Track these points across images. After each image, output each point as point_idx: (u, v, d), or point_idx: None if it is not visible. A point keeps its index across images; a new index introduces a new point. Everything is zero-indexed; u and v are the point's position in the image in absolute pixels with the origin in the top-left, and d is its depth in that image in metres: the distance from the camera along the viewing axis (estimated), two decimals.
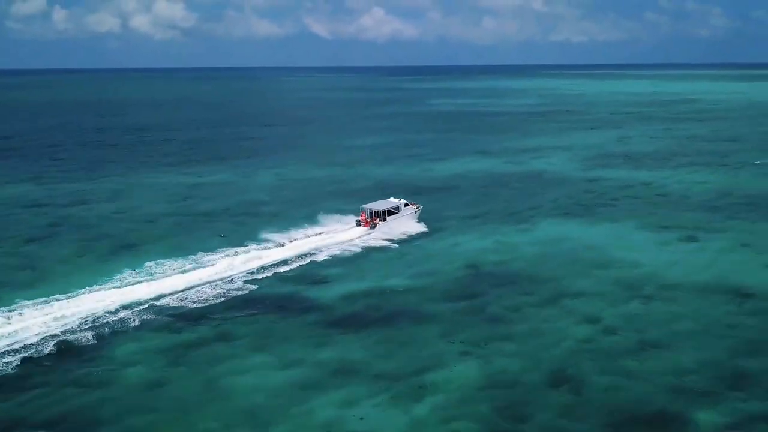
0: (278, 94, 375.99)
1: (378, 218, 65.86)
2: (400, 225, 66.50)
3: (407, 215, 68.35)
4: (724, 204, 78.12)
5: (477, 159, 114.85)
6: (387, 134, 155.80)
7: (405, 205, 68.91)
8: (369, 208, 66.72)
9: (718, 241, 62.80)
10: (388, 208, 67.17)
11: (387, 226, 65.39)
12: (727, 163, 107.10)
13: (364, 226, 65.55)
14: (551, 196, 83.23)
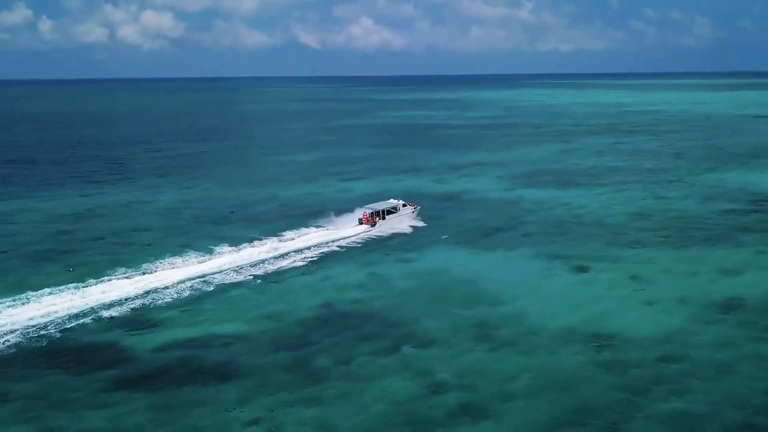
0: (242, 106, 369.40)
1: (378, 217, 73.06)
2: (398, 223, 73.89)
3: (405, 214, 75.81)
4: (634, 228, 73.51)
5: (401, 178, 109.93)
6: (327, 149, 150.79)
7: (403, 205, 76.46)
8: (371, 208, 74.12)
9: (607, 273, 58.01)
10: (388, 208, 74.85)
11: (386, 224, 72.93)
12: (658, 180, 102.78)
13: (366, 224, 72.47)
14: (456, 220, 78.46)
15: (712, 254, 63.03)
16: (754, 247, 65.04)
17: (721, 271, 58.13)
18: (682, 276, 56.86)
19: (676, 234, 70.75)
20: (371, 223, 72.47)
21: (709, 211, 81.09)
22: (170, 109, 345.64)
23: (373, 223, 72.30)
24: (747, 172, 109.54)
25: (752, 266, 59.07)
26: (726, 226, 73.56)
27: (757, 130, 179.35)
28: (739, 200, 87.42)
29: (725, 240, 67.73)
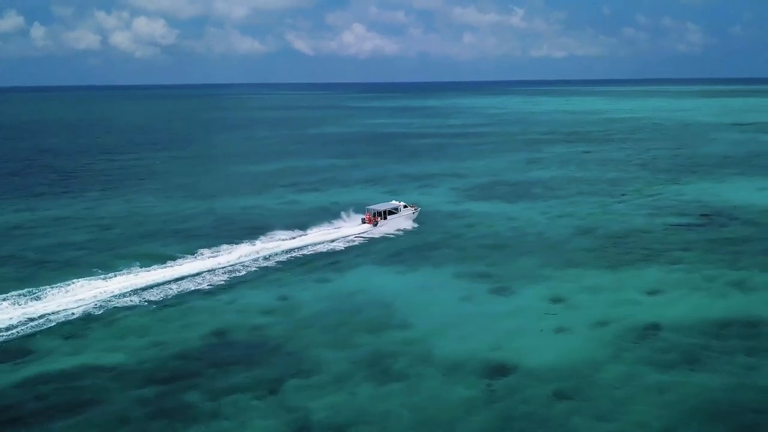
0: (220, 113, 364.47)
1: (380, 217, 77.19)
2: (399, 223, 78.08)
3: (405, 215, 79.95)
4: (574, 245, 70.67)
5: (354, 189, 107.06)
6: (287, 159, 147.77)
7: (404, 206, 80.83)
8: (373, 209, 78.58)
9: (529, 295, 55.17)
10: (389, 208, 79.14)
11: (387, 224, 76.88)
12: (614, 193, 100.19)
13: (368, 223, 76.74)
14: (392, 235, 75.50)
15: (645, 274, 60.31)
16: (690, 265, 62.36)
17: (649, 292, 55.38)
18: (607, 299, 54.08)
19: (614, 251, 68.07)
20: (373, 222, 77.20)
21: (655, 226, 78.50)
22: (145, 117, 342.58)
23: (375, 223, 77.07)
24: (707, 183, 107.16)
25: (682, 287, 56.34)
26: (668, 243, 70.90)
27: (731, 139, 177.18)
28: (690, 213, 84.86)
29: (663, 258, 65.00)
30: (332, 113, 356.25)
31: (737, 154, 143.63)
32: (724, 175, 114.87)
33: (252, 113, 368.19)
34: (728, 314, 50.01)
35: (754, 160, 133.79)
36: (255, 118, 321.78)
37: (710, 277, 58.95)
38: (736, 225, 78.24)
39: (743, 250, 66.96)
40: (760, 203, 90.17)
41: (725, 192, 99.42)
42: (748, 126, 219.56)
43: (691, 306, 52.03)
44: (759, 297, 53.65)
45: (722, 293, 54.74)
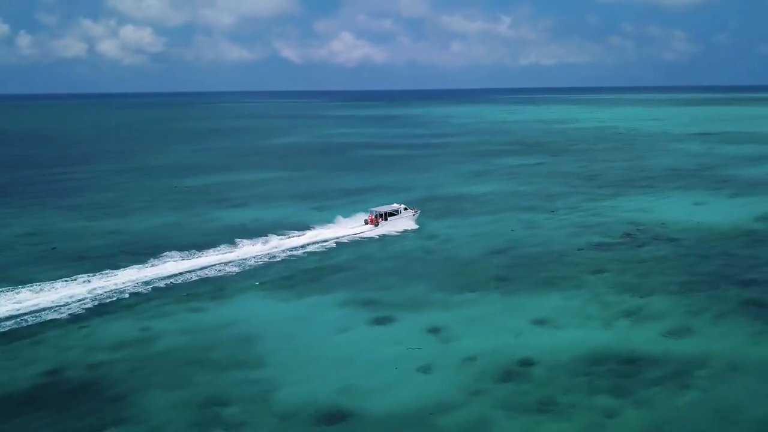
0: (187, 123, 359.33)
1: (381, 218, 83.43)
2: (398, 224, 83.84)
3: (406, 217, 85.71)
4: (479, 267, 67.28)
5: (285, 204, 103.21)
6: (229, 172, 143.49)
7: (405, 209, 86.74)
8: (375, 211, 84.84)
9: (408, 325, 51.67)
10: (390, 210, 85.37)
11: (388, 225, 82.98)
12: (546, 208, 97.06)
13: (371, 223, 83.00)
14: (293, 257, 71.94)
15: (541, 301, 57.07)
16: (592, 290, 59.12)
17: (536, 322, 52.11)
18: (489, 329, 50.77)
19: (519, 274, 64.82)
20: (375, 223, 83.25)
21: (573, 246, 75.37)
22: (107, 127, 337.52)
23: (376, 223, 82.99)
24: (646, 198, 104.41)
25: (573, 316, 53.06)
26: (579, 265, 67.73)
27: (688, 150, 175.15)
28: (614, 231, 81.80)
29: (567, 283, 61.78)
30: (304, 122, 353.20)
31: (687, 166, 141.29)
32: (666, 189, 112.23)
33: (223, 122, 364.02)
34: (608, 348, 46.71)
35: (702, 172, 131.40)
36: (222, 127, 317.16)
37: (607, 304, 55.74)
38: (655, 244, 75.24)
39: (651, 274, 63.87)
40: (691, 219, 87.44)
41: (661, 207, 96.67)
42: (713, 136, 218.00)
43: (574, 338, 48.75)
44: (647, 329, 50.35)
45: (612, 324, 51.44)
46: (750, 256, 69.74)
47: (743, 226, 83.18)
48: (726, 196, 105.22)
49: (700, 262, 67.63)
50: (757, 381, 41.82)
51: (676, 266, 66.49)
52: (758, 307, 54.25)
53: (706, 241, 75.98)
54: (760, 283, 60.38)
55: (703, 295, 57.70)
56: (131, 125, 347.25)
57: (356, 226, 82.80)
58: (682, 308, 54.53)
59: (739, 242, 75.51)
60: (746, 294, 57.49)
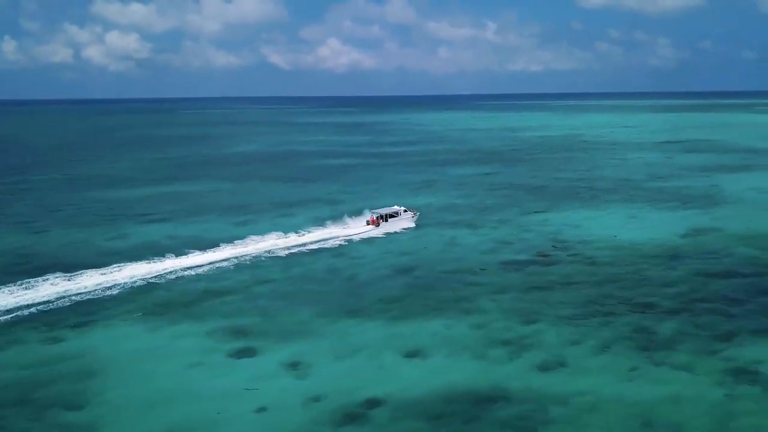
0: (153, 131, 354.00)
1: (382, 220, 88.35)
2: (398, 225, 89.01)
3: (405, 218, 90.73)
4: (378, 288, 63.88)
5: (207, 219, 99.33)
6: (170, 183, 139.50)
7: (404, 211, 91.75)
8: (377, 212, 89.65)
9: (269, 357, 48.20)
10: (391, 212, 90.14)
11: (388, 226, 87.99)
12: (473, 224, 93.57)
13: (372, 224, 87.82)
14: (185, 280, 68.26)
15: (422, 328, 53.66)
16: (483, 317, 55.86)
17: (407, 354, 48.70)
18: (352, 364, 47.35)
19: (412, 297, 61.50)
20: (376, 224, 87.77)
21: (482, 265, 72.15)
22: (71, 133, 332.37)
23: (377, 224, 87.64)
24: (580, 212, 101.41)
25: (451, 347, 49.64)
26: (479, 286, 64.42)
27: (644, 160, 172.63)
28: (533, 249, 78.57)
29: (459, 307, 58.40)
30: (272, 130, 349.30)
31: (637, 177, 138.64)
32: (605, 202, 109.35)
33: (191, 130, 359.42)
34: (469, 384, 43.49)
35: (649, 184, 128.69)
36: (187, 135, 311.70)
37: (490, 332, 52.54)
38: (567, 264, 72.13)
39: (550, 297, 60.71)
40: (616, 235, 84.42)
41: (591, 222, 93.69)
42: (677, 144, 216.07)
43: (438, 372, 45.47)
44: (519, 361, 47.16)
45: (485, 355, 48.17)
46: (660, 277, 66.71)
47: (668, 243, 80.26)
48: (663, 209, 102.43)
49: (606, 284, 64.52)
50: (615, 423, 38.67)
51: (578, 289, 63.33)
52: (648, 336, 51.13)
53: (621, 261, 72.94)
54: (658, 309, 57.29)
55: (595, 321, 54.60)
56: (98, 132, 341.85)
57: (358, 227, 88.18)
58: (567, 337, 51.38)
59: (656, 261, 72.53)
60: (641, 321, 54.39)
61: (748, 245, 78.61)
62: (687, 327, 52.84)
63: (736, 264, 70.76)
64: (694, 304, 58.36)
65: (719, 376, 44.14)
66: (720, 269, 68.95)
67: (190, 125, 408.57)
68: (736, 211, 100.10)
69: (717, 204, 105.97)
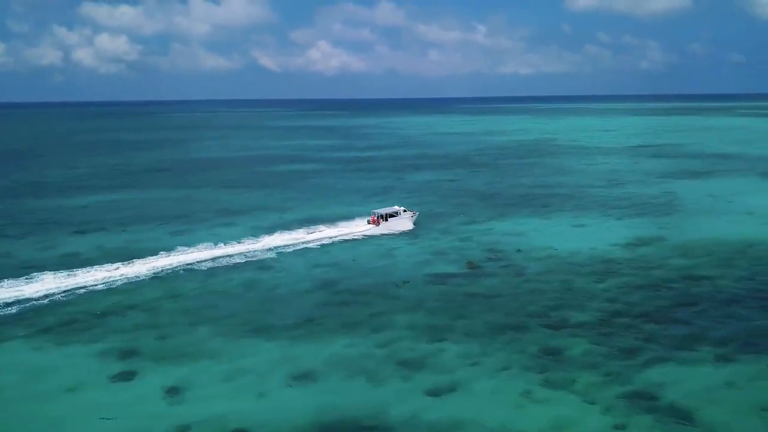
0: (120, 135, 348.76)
1: (382, 219, 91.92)
2: (398, 224, 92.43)
3: (405, 218, 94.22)
4: (288, 306, 61.43)
5: (138, 230, 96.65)
6: (106, 191, 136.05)
7: (404, 211, 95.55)
8: (377, 212, 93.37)
9: (143, 383, 45.60)
10: (390, 212, 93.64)
11: (388, 225, 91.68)
12: (417, 233, 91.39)
13: (372, 224, 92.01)
14: (99, 297, 65.51)
15: (324, 348, 51.17)
16: (389, 333, 53.43)
17: (295, 378, 46.17)
18: (237, 387, 44.91)
19: (327, 313, 58.95)
20: (376, 223, 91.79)
21: (410, 277, 69.63)
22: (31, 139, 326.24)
23: (378, 223, 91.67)
24: (527, 221, 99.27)
25: (346, 369, 47.27)
26: (399, 301, 62.04)
27: (612, 165, 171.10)
28: (465, 260, 76.17)
29: (369, 324, 56.05)
30: (246, 133, 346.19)
31: (597, 183, 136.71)
32: (556, 210, 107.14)
33: (164, 133, 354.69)
34: (351, 412, 41.10)
35: (606, 191, 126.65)
36: (158, 139, 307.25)
37: (394, 353, 50.07)
38: (496, 276, 69.82)
39: (467, 312, 58.38)
40: (555, 245, 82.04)
41: (535, 231, 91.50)
42: (647, 149, 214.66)
43: (322, 399, 42.97)
44: (415, 382, 44.88)
45: (383, 382, 45.63)
46: (585, 290, 64.53)
47: (604, 254, 78.08)
48: (612, 218, 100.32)
49: (527, 299, 62.28)
50: None
51: (497, 304, 61.05)
52: (553, 357, 48.86)
53: (551, 273, 70.76)
54: (573, 325, 55.04)
55: (503, 340, 52.30)
56: (64, 136, 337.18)
57: (360, 226, 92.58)
58: (468, 357, 49.04)
59: (586, 273, 70.34)
60: (551, 340, 52.13)
61: (685, 256, 76.67)
62: (596, 346, 50.68)
63: (667, 277, 68.66)
64: (613, 320, 56.24)
65: (613, 401, 41.94)
66: (649, 282, 66.88)
67: (165, 129, 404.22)
68: (685, 219, 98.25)
69: (668, 212, 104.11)
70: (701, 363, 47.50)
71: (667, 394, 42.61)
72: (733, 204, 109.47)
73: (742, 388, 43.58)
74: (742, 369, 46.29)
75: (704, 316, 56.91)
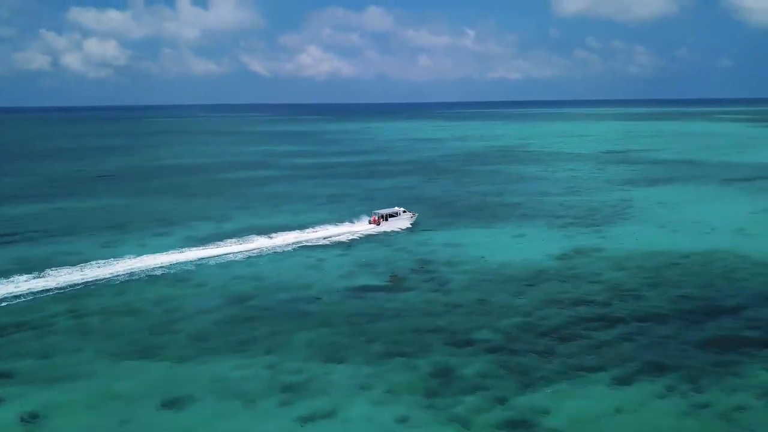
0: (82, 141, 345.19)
1: (383, 219, 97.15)
2: (398, 224, 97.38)
3: (404, 218, 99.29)
4: (185, 326, 58.76)
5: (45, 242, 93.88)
6: (49, 200, 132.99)
7: (403, 211, 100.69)
8: (378, 213, 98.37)
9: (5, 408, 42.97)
10: (390, 212, 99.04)
11: (388, 225, 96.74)
12: (347, 245, 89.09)
13: (374, 223, 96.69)
14: None
15: (208, 370, 48.42)
16: (279, 357, 50.70)
17: (164, 405, 43.31)
18: (100, 414, 42.11)
19: (227, 332, 56.14)
20: (377, 223, 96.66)
21: (327, 291, 67.09)
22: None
23: (378, 223, 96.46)
24: (468, 231, 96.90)
25: (222, 394, 44.59)
26: (305, 318, 59.31)
27: (575, 172, 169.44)
28: (394, 271, 73.95)
29: (262, 344, 53.31)
30: (221, 139, 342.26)
31: (553, 191, 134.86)
32: (504, 219, 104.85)
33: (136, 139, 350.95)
34: None
35: (558, 198, 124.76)
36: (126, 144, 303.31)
37: (280, 375, 47.29)
38: (414, 291, 66.99)
39: (370, 333, 55.57)
40: (488, 256, 79.59)
41: (472, 241, 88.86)
42: (616, 155, 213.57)
43: (186, 429, 40.45)
44: (287, 415, 41.92)
45: (254, 407, 42.95)
46: (503, 306, 62.11)
47: (536, 266, 75.69)
48: (556, 227, 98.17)
49: (441, 315, 59.78)
50: None
51: (409, 320, 58.45)
52: (445, 379, 46.30)
53: (474, 286, 68.35)
54: (477, 344, 52.52)
55: (399, 361, 49.67)
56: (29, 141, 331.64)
57: (362, 226, 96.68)
58: (357, 380, 46.47)
59: (511, 287, 67.97)
60: (449, 360, 49.58)
61: (617, 268, 74.54)
62: (493, 367, 48.26)
63: (592, 291, 66.45)
64: (519, 338, 53.87)
65: (488, 430, 39.56)
66: (572, 297, 64.59)
67: (138, 134, 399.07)
68: (629, 228, 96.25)
69: (614, 221, 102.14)
70: (595, 386, 45.16)
71: (548, 421, 40.28)
72: (682, 213, 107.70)
73: (629, 413, 41.37)
74: (636, 393, 44.00)
75: (616, 334, 54.68)
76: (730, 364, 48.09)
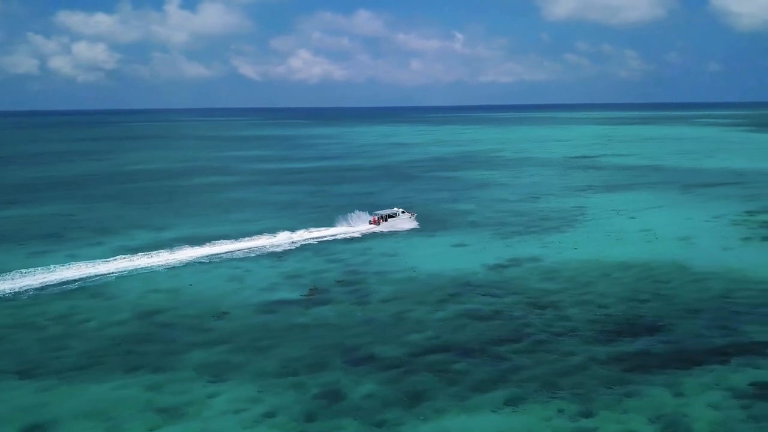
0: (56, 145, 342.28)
1: (383, 219, 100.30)
2: (397, 224, 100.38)
3: (403, 218, 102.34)
4: (91, 341, 56.40)
5: None
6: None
7: (402, 212, 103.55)
8: (378, 213, 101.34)
9: None
10: (390, 213, 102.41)
11: (388, 224, 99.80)
12: (279, 255, 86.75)
13: (374, 223, 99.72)
14: None
15: (85, 392, 46.10)
16: (165, 376, 48.33)
17: (31, 429, 41.15)
18: None
19: (119, 350, 53.79)
20: (377, 223, 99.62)
21: (240, 305, 64.77)
22: None
23: (378, 223, 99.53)
24: (408, 240, 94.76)
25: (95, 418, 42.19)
26: (212, 332, 57.23)
27: (540, 178, 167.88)
28: (317, 283, 71.62)
29: (155, 362, 51.01)
30: (198, 144, 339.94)
31: (510, 198, 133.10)
32: (445, 229, 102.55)
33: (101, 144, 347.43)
34: None
35: (513, 205, 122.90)
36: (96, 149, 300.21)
37: (160, 397, 44.99)
38: (332, 304, 64.77)
39: (268, 352, 53.32)
40: (413, 268, 77.29)
41: (409, 251, 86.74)
42: (585, 160, 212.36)
43: None
44: None
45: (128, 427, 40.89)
46: (419, 320, 59.87)
47: (465, 278, 73.27)
48: (500, 236, 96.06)
49: (350, 330, 57.55)
50: None
51: (314, 336, 56.23)
52: (330, 402, 44.01)
53: (396, 299, 66.04)
54: (378, 363, 50.25)
55: (290, 380, 47.45)
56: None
57: (362, 226, 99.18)
58: (240, 402, 44.25)
59: (433, 299, 65.73)
60: (341, 380, 47.34)
61: (549, 279, 72.49)
62: (385, 388, 45.96)
63: (515, 303, 64.35)
64: (423, 357, 51.56)
65: None
66: (492, 310, 62.38)
67: (117, 139, 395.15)
68: (574, 237, 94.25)
69: (562, 228, 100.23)
70: (487, 409, 42.94)
71: None
72: (632, 221, 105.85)
73: None
74: (523, 417, 41.86)
75: (523, 351, 52.45)
76: (628, 383, 46.05)
